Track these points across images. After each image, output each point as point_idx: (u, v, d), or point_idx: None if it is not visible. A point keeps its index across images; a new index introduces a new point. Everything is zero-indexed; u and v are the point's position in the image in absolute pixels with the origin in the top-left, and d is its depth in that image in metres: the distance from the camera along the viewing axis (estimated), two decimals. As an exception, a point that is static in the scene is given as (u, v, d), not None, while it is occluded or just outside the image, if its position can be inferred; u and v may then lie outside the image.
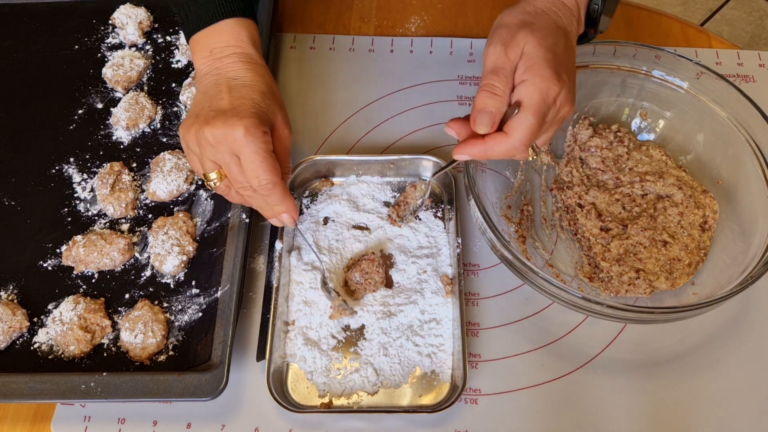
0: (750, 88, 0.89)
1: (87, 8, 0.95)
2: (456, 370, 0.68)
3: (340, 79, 0.91)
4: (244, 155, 0.63)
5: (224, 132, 0.62)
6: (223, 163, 0.65)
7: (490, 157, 0.63)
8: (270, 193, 0.65)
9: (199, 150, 0.65)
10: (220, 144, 0.63)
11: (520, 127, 0.60)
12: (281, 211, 0.68)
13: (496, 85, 0.60)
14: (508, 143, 0.61)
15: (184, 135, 0.66)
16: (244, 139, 0.62)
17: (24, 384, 0.64)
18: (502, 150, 0.61)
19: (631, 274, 0.71)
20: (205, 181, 0.67)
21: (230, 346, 0.66)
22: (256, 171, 0.63)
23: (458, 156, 0.64)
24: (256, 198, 0.67)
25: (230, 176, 0.65)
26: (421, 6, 0.99)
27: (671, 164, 0.79)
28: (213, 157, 0.64)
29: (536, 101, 0.59)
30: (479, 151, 0.63)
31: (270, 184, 0.64)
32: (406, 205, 0.75)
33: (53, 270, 0.74)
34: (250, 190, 0.65)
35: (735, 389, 0.68)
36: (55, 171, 0.81)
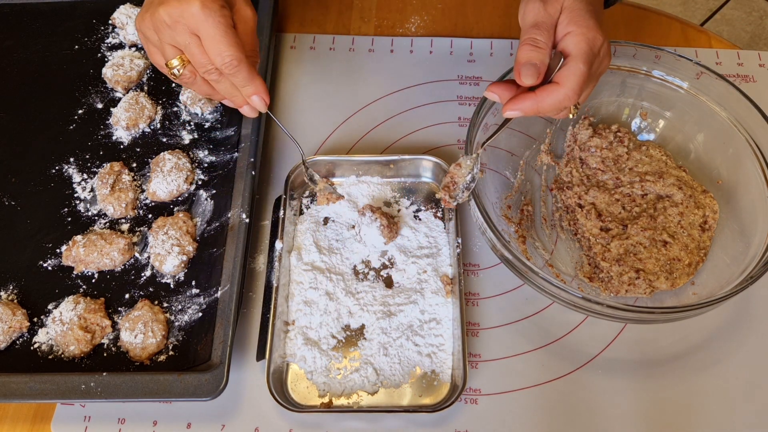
0: (750, 88, 0.89)
1: (87, 8, 0.95)
2: (456, 370, 0.68)
3: (340, 79, 0.91)
4: (203, 31, 0.60)
5: (179, 9, 0.59)
6: (183, 45, 0.61)
7: (541, 110, 0.61)
8: (236, 71, 0.62)
9: (156, 36, 0.62)
10: (177, 23, 0.60)
11: (572, 75, 0.59)
12: (250, 92, 0.65)
13: (538, 38, 0.60)
14: (561, 93, 0.60)
15: (140, 25, 0.63)
16: (201, 13, 0.59)
17: (24, 384, 0.64)
18: (554, 101, 0.60)
19: (631, 274, 0.71)
20: (168, 71, 0.64)
21: (230, 346, 0.66)
22: (218, 47, 0.60)
23: (510, 113, 0.62)
24: (222, 82, 0.64)
25: (192, 59, 0.62)
26: (421, 6, 0.99)
27: (671, 164, 0.79)
28: (172, 40, 0.61)
29: (585, 50, 0.60)
30: (530, 104, 0.61)
31: (235, 60, 0.61)
32: (454, 185, 0.71)
33: (53, 270, 0.74)
34: (215, 73, 0.62)
35: (735, 389, 0.68)
36: (55, 171, 0.81)
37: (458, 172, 0.71)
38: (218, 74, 0.63)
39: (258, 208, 0.80)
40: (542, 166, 0.81)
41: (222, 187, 0.79)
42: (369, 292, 0.73)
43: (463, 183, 0.71)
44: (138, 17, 0.64)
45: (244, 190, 0.76)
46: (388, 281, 0.74)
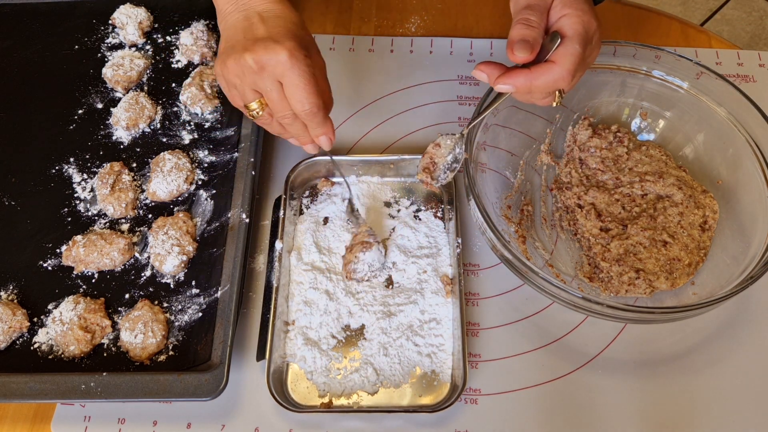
0: (750, 88, 0.89)
1: (87, 8, 0.95)
2: (456, 370, 0.68)
3: (340, 79, 0.91)
4: (288, 79, 0.62)
5: (267, 56, 0.61)
6: (264, 90, 0.64)
7: (533, 88, 0.61)
8: (314, 117, 0.64)
9: (239, 80, 0.64)
10: (263, 70, 0.62)
11: (568, 54, 0.60)
12: (320, 133, 0.67)
13: (531, 18, 0.60)
14: (556, 72, 0.60)
15: (221, 68, 0.65)
16: (288, 62, 0.61)
17: (24, 384, 0.64)
18: (549, 79, 0.60)
19: (631, 274, 0.71)
20: (246, 112, 0.66)
21: (230, 346, 0.66)
22: (301, 95, 0.62)
23: (501, 86, 0.62)
24: (294, 125, 0.66)
25: (272, 104, 0.65)
26: (421, 6, 0.99)
27: (671, 164, 0.79)
28: (254, 85, 0.63)
29: (580, 32, 0.60)
30: (524, 80, 0.61)
31: (315, 107, 0.63)
32: (434, 165, 0.71)
33: (53, 270, 0.74)
34: (290, 118, 0.65)
35: (735, 389, 0.68)
36: (55, 171, 0.81)
37: (437, 152, 0.70)
38: (293, 119, 0.65)
39: (258, 208, 0.80)
40: (542, 166, 0.81)
41: (222, 187, 0.79)
42: (369, 292, 0.73)
43: (444, 163, 0.70)
44: (219, 61, 0.65)
45: (244, 190, 0.76)
46: (388, 281, 0.74)
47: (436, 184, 0.72)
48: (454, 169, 0.71)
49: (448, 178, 0.71)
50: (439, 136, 0.71)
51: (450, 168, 0.71)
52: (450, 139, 0.70)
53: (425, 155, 0.72)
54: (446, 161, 0.70)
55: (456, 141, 0.70)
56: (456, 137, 0.70)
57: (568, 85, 0.61)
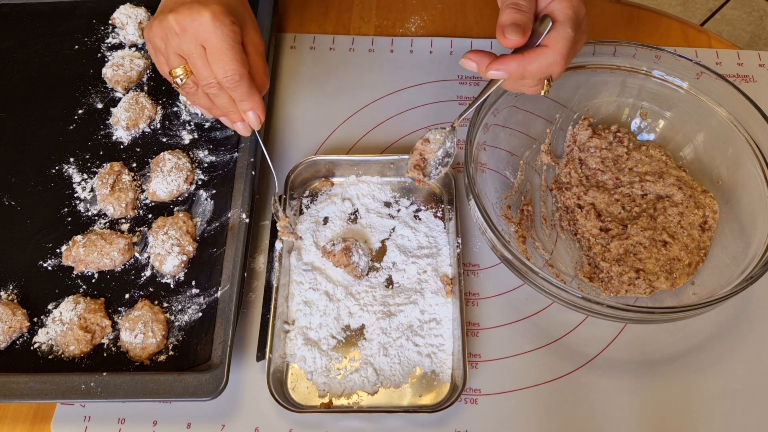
0: (750, 88, 0.89)
1: (87, 8, 0.95)
2: (456, 370, 0.68)
3: (340, 79, 0.91)
4: (210, 43, 0.60)
5: (190, 17, 0.59)
6: (188, 54, 0.61)
7: (526, 73, 0.60)
8: (236, 85, 0.62)
9: (163, 43, 0.62)
10: (185, 32, 0.60)
11: (561, 38, 0.59)
12: (247, 107, 0.64)
13: (521, 2, 0.59)
14: (549, 56, 0.59)
15: (147, 33, 0.63)
16: (210, 24, 0.59)
17: (24, 384, 0.64)
18: (542, 64, 0.59)
19: (631, 274, 0.71)
20: (171, 80, 0.64)
21: (230, 346, 0.66)
22: (222, 60, 0.60)
23: (493, 72, 0.60)
24: (221, 96, 0.64)
25: (195, 70, 0.62)
26: (421, 6, 0.99)
27: (671, 164, 0.79)
28: (178, 48, 0.61)
29: (571, 16, 0.59)
30: (516, 66, 0.59)
31: (237, 74, 0.61)
32: (425, 161, 0.69)
33: (53, 270, 0.74)
34: (215, 87, 0.62)
35: (735, 389, 0.68)
36: (55, 171, 0.81)
37: (427, 147, 0.69)
38: (218, 88, 0.63)
39: (258, 208, 0.80)
40: (542, 166, 0.81)
41: (222, 187, 0.79)
42: (369, 292, 0.73)
43: (435, 159, 0.68)
44: (147, 26, 0.64)
45: (244, 190, 0.76)
46: (388, 281, 0.74)
47: (428, 181, 0.71)
48: (446, 164, 0.69)
49: (441, 173, 0.70)
50: (428, 131, 0.70)
51: (441, 163, 0.69)
52: (439, 134, 0.69)
53: (414, 152, 0.70)
54: (437, 156, 0.69)
55: (446, 135, 0.69)
56: (446, 131, 0.69)
57: (560, 70, 0.60)
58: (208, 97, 0.65)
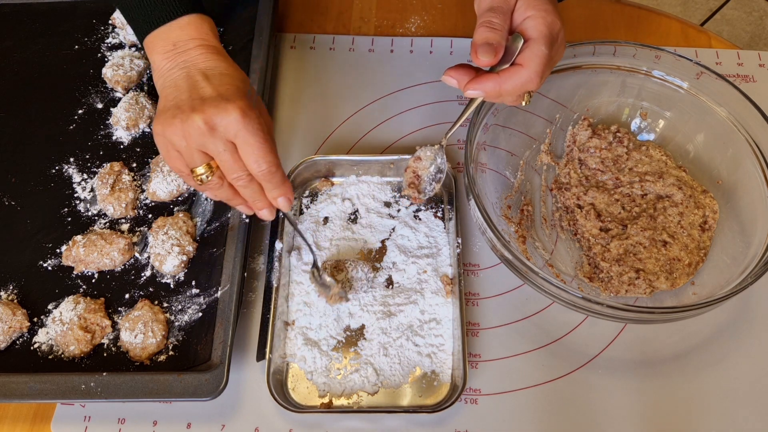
0: (750, 88, 0.89)
1: (87, 8, 0.95)
2: (456, 370, 0.68)
3: (340, 79, 0.91)
4: (242, 139, 0.59)
5: (219, 117, 0.58)
6: (215, 152, 0.60)
7: (503, 92, 0.61)
8: (272, 177, 0.61)
9: (185, 142, 0.60)
10: (214, 131, 0.59)
11: (535, 57, 0.60)
12: (279, 194, 0.64)
13: (493, 20, 0.60)
14: (524, 75, 0.60)
15: (165, 130, 0.60)
16: (241, 121, 0.58)
17: (24, 384, 0.64)
18: (517, 83, 0.60)
19: (631, 274, 0.71)
20: (192, 178, 0.62)
21: (230, 346, 0.66)
22: (257, 154, 0.60)
23: (471, 92, 0.61)
24: (250, 188, 0.63)
25: (224, 166, 0.61)
26: (421, 6, 0.99)
27: (671, 164, 0.79)
28: (202, 147, 0.60)
29: (545, 33, 0.60)
30: (492, 85, 0.60)
31: (273, 166, 0.61)
32: (419, 179, 0.70)
33: (53, 270, 0.74)
34: (245, 180, 0.62)
35: (735, 389, 0.68)
36: (55, 171, 0.81)
37: (419, 165, 0.70)
38: (248, 180, 0.62)
39: (258, 208, 0.80)
40: (542, 167, 0.81)
41: (222, 187, 0.79)
42: (369, 293, 0.73)
43: (428, 175, 0.70)
44: (159, 122, 0.61)
45: (244, 190, 0.76)
46: (388, 281, 0.74)
47: (423, 197, 0.72)
48: (439, 179, 0.71)
49: (435, 189, 0.71)
50: (418, 149, 0.71)
51: (435, 179, 0.71)
52: (429, 150, 0.70)
53: (407, 170, 0.71)
54: (430, 173, 0.70)
55: (436, 152, 0.70)
56: (435, 148, 0.70)
57: (536, 86, 0.61)
58: (231, 190, 0.64)
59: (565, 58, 0.78)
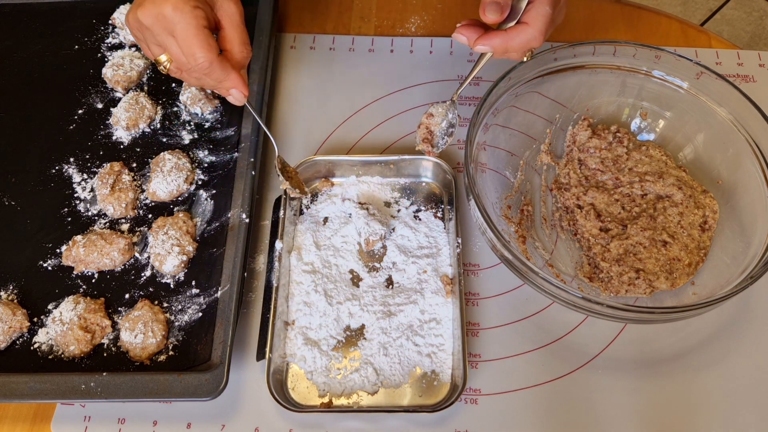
0: (750, 88, 0.89)
1: (87, 8, 0.95)
2: (456, 370, 0.68)
3: (340, 79, 0.91)
4: (176, 33, 0.62)
5: (154, 11, 0.61)
6: (163, 44, 0.63)
7: (509, 48, 0.65)
8: (208, 71, 0.64)
9: (141, 35, 0.64)
10: (154, 25, 0.62)
11: (540, 16, 0.64)
12: (228, 86, 0.67)
13: None
14: (529, 33, 0.64)
15: (128, 23, 0.65)
16: (173, 15, 0.60)
17: (24, 384, 0.64)
18: (523, 40, 0.65)
19: (631, 274, 0.71)
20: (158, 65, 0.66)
21: (230, 346, 0.66)
22: (190, 49, 0.62)
23: (480, 47, 0.65)
24: (204, 78, 0.66)
25: (174, 58, 0.64)
26: (421, 6, 0.99)
27: (671, 164, 0.79)
28: (154, 40, 0.63)
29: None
30: (500, 42, 0.65)
31: (205, 61, 0.63)
32: (432, 134, 0.74)
33: (53, 270, 0.74)
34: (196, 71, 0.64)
35: (735, 389, 0.68)
36: (55, 171, 0.81)
37: (432, 121, 0.73)
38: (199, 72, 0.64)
39: (258, 208, 0.80)
40: (542, 166, 0.81)
41: (222, 187, 0.79)
42: (369, 292, 0.73)
43: (440, 130, 0.73)
44: (126, 14, 0.66)
45: (244, 190, 0.76)
46: (388, 281, 0.74)
47: (436, 151, 0.74)
48: (450, 133, 0.74)
49: (448, 143, 0.74)
50: (430, 106, 0.74)
51: (447, 133, 0.74)
52: (441, 107, 0.73)
53: (421, 126, 0.74)
54: (442, 128, 0.73)
55: (447, 108, 0.73)
56: (447, 104, 0.73)
57: (539, 44, 0.66)
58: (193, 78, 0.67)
59: (565, 58, 0.78)
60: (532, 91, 0.78)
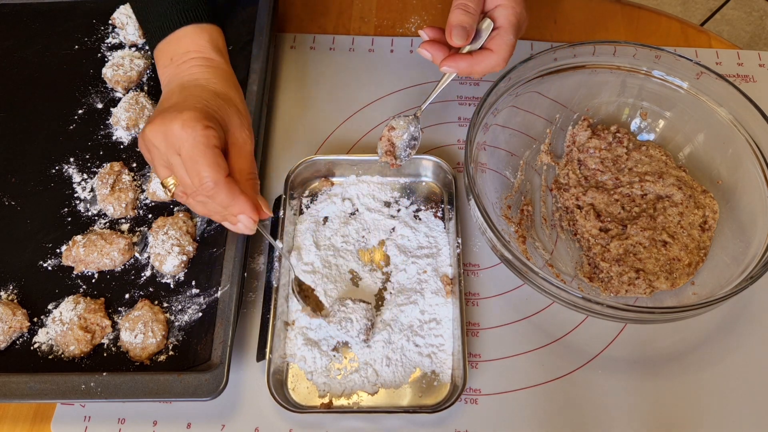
0: (750, 88, 0.89)
1: (87, 8, 0.95)
2: (456, 370, 0.68)
3: (340, 79, 0.91)
4: (184, 152, 0.58)
5: (163, 128, 0.58)
6: (170, 165, 0.60)
7: (473, 71, 0.68)
8: (213, 193, 0.59)
9: (149, 155, 0.61)
10: (161, 143, 0.59)
11: (504, 44, 0.68)
12: (236, 212, 0.61)
13: (469, 4, 0.67)
14: (494, 60, 0.68)
15: (139, 143, 0.62)
16: (181, 131, 0.57)
17: (24, 384, 0.64)
18: (487, 66, 0.68)
19: (631, 274, 0.71)
20: (164, 189, 0.63)
21: (230, 346, 0.66)
22: (195, 167, 0.58)
23: (446, 69, 0.68)
24: (210, 203, 0.60)
25: (179, 180, 0.60)
26: (421, 6, 0.99)
27: (671, 164, 0.79)
28: (160, 159, 0.61)
29: (514, 23, 0.68)
30: (466, 65, 0.68)
31: (210, 181, 0.58)
32: (393, 147, 0.74)
33: (53, 270, 0.74)
34: (201, 195, 0.60)
35: (735, 389, 0.68)
36: (55, 171, 0.81)
37: (394, 134, 0.74)
38: (204, 195, 0.60)
39: (258, 208, 0.80)
40: (542, 167, 0.81)
41: (222, 187, 0.79)
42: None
43: (402, 143, 0.74)
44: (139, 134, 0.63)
45: (244, 190, 0.76)
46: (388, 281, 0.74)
47: (400, 163, 0.75)
48: (413, 146, 0.75)
49: (411, 155, 0.75)
50: (392, 119, 0.75)
51: (409, 146, 0.75)
52: (402, 120, 0.74)
53: (382, 138, 0.75)
54: (404, 140, 0.74)
55: (409, 122, 0.74)
56: (409, 118, 0.74)
57: (502, 68, 0.69)
58: (200, 204, 0.62)
59: (565, 58, 0.78)
60: (532, 91, 0.78)
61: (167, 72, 0.66)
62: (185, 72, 0.65)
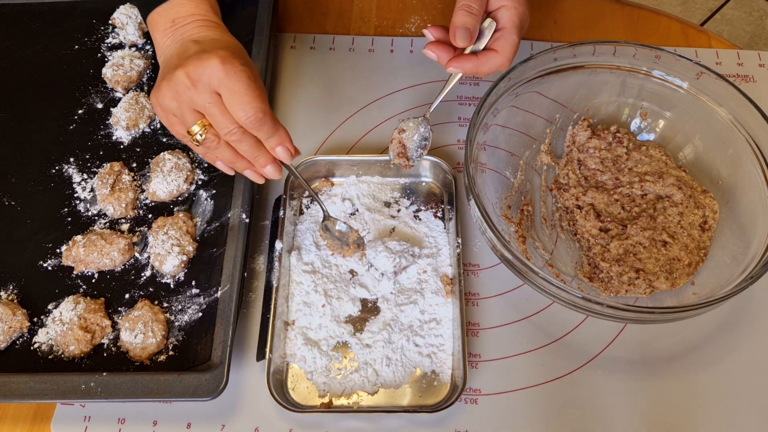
0: (750, 88, 0.89)
1: (87, 8, 0.95)
2: (456, 370, 0.68)
3: (340, 79, 0.91)
4: (225, 88, 0.59)
5: (200, 67, 0.59)
6: (203, 107, 0.60)
7: (479, 71, 0.69)
8: (261, 123, 0.60)
9: (175, 102, 0.61)
10: (197, 82, 0.59)
11: (509, 45, 0.69)
12: (276, 143, 0.63)
13: (473, 5, 0.67)
14: (498, 60, 0.69)
15: (156, 95, 0.62)
16: (221, 69, 0.58)
17: (24, 384, 0.64)
18: (493, 67, 0.69)
19: (631, 274, 0.71)
20: (190, 140, 0.62)
21: (230, 346, 0.66)
22: (241, 101, 0.59)
23: (452, 69, 0.69)
24: (244, 141, 0.62)
25: (214, 120, 0.61)
26: (421, 6, 0.99)
27: (671, 164, 0.79)
28: (191, 103, 0.60)
29: (517, 24, 0.69)
30: (471, 66, 0.69)
31: (260, 112, 0.59)
32: (405, 148, 0.74)
33: (53, 270, 0.74)
34: (238, 133, 0.61)
35: (735, 389, 0.68)
36: (55, 171, 0.81)
37: (404, 135, 0.75)
38: (241, 133, 0.61)
39: (258, 208, 0.80)
40: (542, 167, 0.81)
41: (222, 187, 0.79)
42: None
43: (413, 144, 0.74)
44: (154, 91, 0.62)
45: (244, 190, 0.76)
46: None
47: (412, 163, 0.75)
48: (425, 146, 0.75)
49: (422, 155, 0.75)
50: (401, 122, 0.75)
51: (421, 146, 0.75)
52: (412, 122, 0.74)
53: (393, 141, 0.75)
54: (414, 141, 0.74)
55: (418, 123, 0.74)
56: (418, 120, 0.74)
57: (507, 68, 0.70)
58: (229, 148, 0.63)
59: (565, 57, 0.78)
60: (532, 91, 0.78)
61: (167, 34, 0.66)
62: (193, 30, 0.65)
